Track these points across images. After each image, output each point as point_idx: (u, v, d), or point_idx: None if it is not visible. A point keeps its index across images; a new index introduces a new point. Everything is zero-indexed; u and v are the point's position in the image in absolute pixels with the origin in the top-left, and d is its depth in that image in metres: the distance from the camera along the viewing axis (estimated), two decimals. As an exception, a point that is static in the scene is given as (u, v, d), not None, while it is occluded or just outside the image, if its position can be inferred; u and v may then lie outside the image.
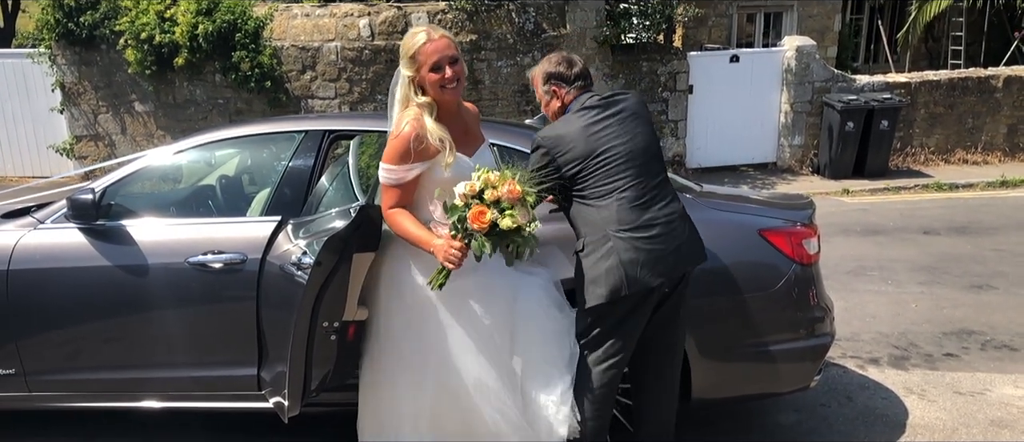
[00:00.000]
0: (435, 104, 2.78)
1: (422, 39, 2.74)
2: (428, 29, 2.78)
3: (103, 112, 9.73)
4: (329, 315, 2.83)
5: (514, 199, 2.62)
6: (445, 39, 2.76)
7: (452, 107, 2.84)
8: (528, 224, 2.64)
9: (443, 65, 2.73)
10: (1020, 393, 4.19)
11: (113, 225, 3.41)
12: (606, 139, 2.85)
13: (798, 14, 13.56)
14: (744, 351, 3.36)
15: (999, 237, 7.44)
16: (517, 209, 2.62)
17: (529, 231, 2.66)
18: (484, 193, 2.62)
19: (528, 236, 2.66)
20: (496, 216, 2.60)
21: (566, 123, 2.93)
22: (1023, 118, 11.04)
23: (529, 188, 2.66)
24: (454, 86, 2.77)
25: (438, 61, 2.73)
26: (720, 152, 10.75)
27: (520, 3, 9.69)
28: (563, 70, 3.02)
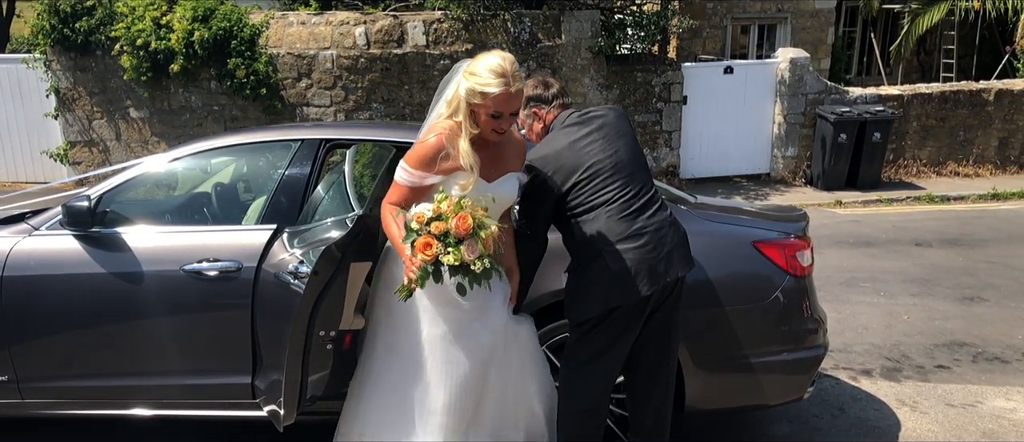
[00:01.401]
0: (476, 135, 2.72)
1: (498, 88, 2.61)
2: (509, 72, 2.63)
3: (98, 118, 9.72)
4: (326, 324, 2.84)
5: (462, 233, 2.49)
6: (519, 94, 2.67)
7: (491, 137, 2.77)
8: (478, 260, 2.50)
9: (504, 115, 2.67)
10: (1011, 405, 4.22)
11: (109, 232, 3.41)
12: (591, 153, 2.88)
13: (792, 26, 13.66)
14: (737, 362, 3.38)
15: (990, 249, 7.49)
16: (466, 243, 2.48)
17: (478, 268, 2.51)
18: (432, 224, 2.50)
19: (478, 273, 2.52)
20: (440, 251, 2.49)
21: (552, 141, 2.97)
22: (1014, 131, 11.12)
23: (487, 220, 2.54)
24: (500, 134, 2.73)
25: (502, 111, 2.66)
26: (714, 163, 10.80)
27: (516, 13, 9.72)
28: (541, 92, 3.09)
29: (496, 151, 2.80)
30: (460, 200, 2.54)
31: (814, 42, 13.47)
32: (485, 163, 2.75)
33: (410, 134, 3.84)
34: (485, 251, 2.50)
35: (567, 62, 9.89)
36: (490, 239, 2.51)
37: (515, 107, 2.69)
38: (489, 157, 2.77)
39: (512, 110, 2.68)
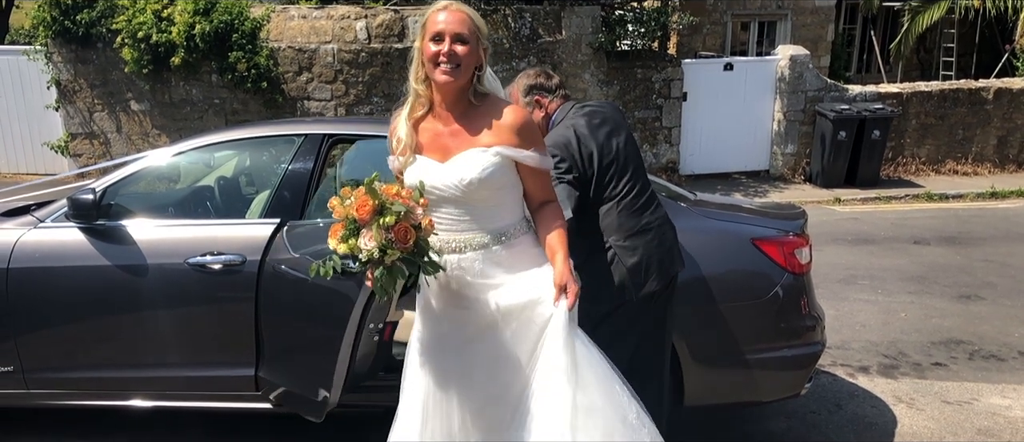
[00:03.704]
0: (427, 95, 2.39)
1: (438, 6, 2.35)
2: (451, 3, 2.37)
3: (99, 110, 9.73)
4: (376, 317, 2.88)
5: (362, 220, 2.13)
6: (462, 14, 2.34)
7: (449, 97, 2.37)
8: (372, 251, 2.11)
9: (444, 37, 2.30)
10: (1007, 403, 4.25)
11: (113, 225, 3.44)
12: (607, 145, 2.89)
13: (792, 23, 13.67)
14: (736, 358, 3.41)
15: (988, 248, 7.53)
16: (365, 232, 2.13)
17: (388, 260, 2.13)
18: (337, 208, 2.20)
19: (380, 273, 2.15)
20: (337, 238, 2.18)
21: (569, 126, 2.94)
22: (1012, 130, 11.16)
23: (394, 204, 2.12)
24: (446, 66, 2.29)
25: (441, 31, 2.30)
26: (713, 159, 10.82)
27: (516, 8, 9.73)
28: (543, 81, 3.11)
29: (463, 123, 2.39)
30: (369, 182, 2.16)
31: (814, 39, 13.49)
32: (442, 139, 2.40)
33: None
34: (388, 242, 2.11)
35: (567, 58, 9.90)
36: (403, 230, 2.12)
37: (457, 28, 2.30)
38: (450, 132, 2.39)
39: (454, 32, 2.29)
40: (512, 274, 2.41)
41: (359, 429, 3.76)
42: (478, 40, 2.35)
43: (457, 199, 2.36)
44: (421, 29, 2.37)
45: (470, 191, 2.34)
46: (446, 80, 2.31)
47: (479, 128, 2.38)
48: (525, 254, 2.44)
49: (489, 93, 2.44)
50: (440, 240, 2.36)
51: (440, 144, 2.40)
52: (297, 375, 3.31)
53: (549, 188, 2.52)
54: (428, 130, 2.43)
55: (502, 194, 2.41)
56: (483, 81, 2.41)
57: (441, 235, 2.36)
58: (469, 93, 2.39)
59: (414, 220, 2.17)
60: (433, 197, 2.34)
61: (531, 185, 2.46)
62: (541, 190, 2.48)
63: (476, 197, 2.36)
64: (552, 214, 2.47)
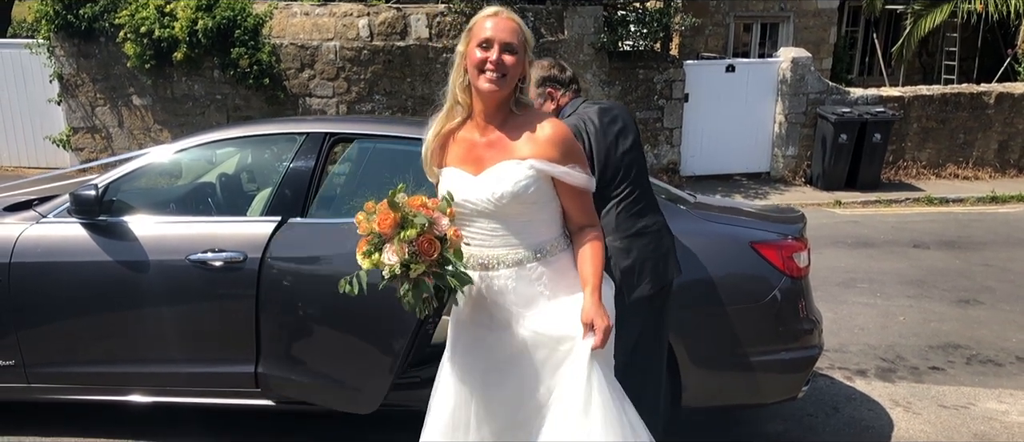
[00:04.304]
0: (467, 102, 2.32)
1: (487, 12, 2.28)
2: (502, 9, 2.31)
3: (101, 104, 9.74)
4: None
5: (385, 234, 2.10)
6: (512, 22, 2.26)
7: (490, 106, 2.29)
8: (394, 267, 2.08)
9: (493, 44, 2.22)
10: (1003, 408, 4.27)
11: (115, 221, 3.46)
12: (615, 145, 2.90)
13: (794, 25, 13.67)
14: (734, 361, 3.43)
15: (987, 252, 7.54)
16: (389, 247, 2.09)
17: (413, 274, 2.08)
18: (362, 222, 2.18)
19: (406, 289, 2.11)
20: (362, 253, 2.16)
21: (581, 117, 2.92)
22: (1014, 135, 11.16)
23: (417, 217, 2.08)
24: (493, 75, 2.21)
25: (489, 38, 2.23)
26: (714, 161, 10.83)
27: (519, 8, 9.73)
28: (557, 73, 3.10)
29: (500, 134, 2.30)
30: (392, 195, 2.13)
31: (816, 41, 13.49)
32: (477, 151, 2.32)
33: (414, 129, 3.89)
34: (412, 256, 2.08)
35: (570, 58, 9.91)
36: (427, 242, 2.08)
37: (506, 37, 2.23)
38: (486, 143, 2.32)
39: (503, 40, 2.23)
40: (548, 295, 2.31)
41: (358, 428, 3.78)
42: (525, 50, 2.29)
43: (490, 213, 2.27)
44: (467, 34, 2.30)
45: (502, 205, 2.25)
46: (491, 89, 2.23)
47: (516, 140, 2.28)
48: (563, 274, 2.34)
49: (530, 104, 2.37)
50: (471, 256, 2.28)
51: (475, 156, 2.32)
52: (300, 372, 3.34)
53: (590, 210, 2.37)
54: (464, 140, 2.35)
55: (536, 209, 2.30)
56: (526, 92, 2.35)
57: (473, 250, 2.29)
58: (510, 103, 2.31)
59: (438, 231, 2.11)
60: (466, 211, 2.28)
61: (569, 205, 2.33)
62: (580, 212, 2.35)
63: (509, 212, 2.27)
64: (589, 241, 2.33)
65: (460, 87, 2.31)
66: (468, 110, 2.34)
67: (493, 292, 2.32)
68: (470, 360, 2.43)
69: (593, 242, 2.33)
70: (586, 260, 2.31)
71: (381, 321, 3.28)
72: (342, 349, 3.40)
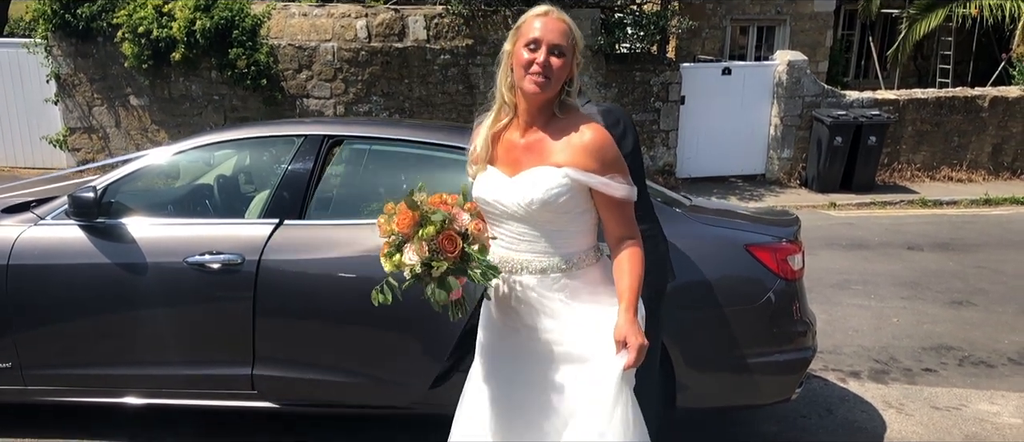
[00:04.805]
0: (513, 102, 2.27)
1: (536, 12, 2.22)
2: (552, 9, 2.25)
3: (98, 105, 9.74)
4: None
5: (404, 233, 2.08)
6: (562, 24, 2.20)
7: (533, 107, 2.23)
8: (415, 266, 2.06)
9: (541, 45, 2.16)
10: (995, 409, 4.30)
11: (113, 223, 3.47)
12: (621, 148, 2.90)
13: (791, 28, 13.73)
14: (728, 362, 3.45)
15: (981, 254, 7.58)
16: (409, 246, 2.08)
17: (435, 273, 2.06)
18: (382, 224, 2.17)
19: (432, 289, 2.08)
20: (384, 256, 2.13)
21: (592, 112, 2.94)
22: (1007, 138, 11.22)
23: (435, 214, 2.07)
24: (538, 77, 2.16)
25: (538, 39, 2.17)
26: (710, 163, 10.87)
27: (516, 9, 9.75)
28: None
29: (540, 135, 2.25)
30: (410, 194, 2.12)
31: (813, 44, 13.55)
32: (515, 152, 2.27)
33: (414, 132, 3.93)
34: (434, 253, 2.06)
35: (566, 59, 9.92)
36: (447, 240, 2.06)
37: (555, 39, 2.17)
38: (525, 146, 2.26)
39: (552, 42, 2.16)
40: (571, 307, 2.25)
41: (356, 429, 3.80)
42: (574, 52, 2.22)
43: (520, 217, 2.23)
44: (514, 32, 2.24)
45: (532, 211, 2.19)
46: (534, 91, 2.17)
47: (555, 144, 2.22)
48: (589, 289, 2.27)
49: (575, 107, 2.30)
50: (497, 258, 2.23)
51: (512, 157, 2.27)
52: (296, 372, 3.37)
53: (629, 221, 2.27)
54: (506, 140, 2.30)
55: (567, 219, 2.23)
56: (573, 94, 2.28)
57: (498, 252, 2.24)
58: (554, 105, 2.24)
59: (459, 227, 2.08)
60: (496, 211, 2.25)
61: (606, 216, 2.25)
62: (618, 224, 2.25)
63: (540, 218, 2.21)
64: (628, 254, 2.24)
65: (506, 86, 2.26)
66: (514, 109, 2.28)
67: (514, 296, 2.28)
68: (496, 362, 2.40)
69: (631, 256, 2.24)
70: (623, 274, 2.23)
71: (383, 320, 3.29)
72: (340, 349, 3.42)
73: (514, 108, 2.27)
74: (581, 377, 2.23)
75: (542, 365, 2.29)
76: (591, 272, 2.29)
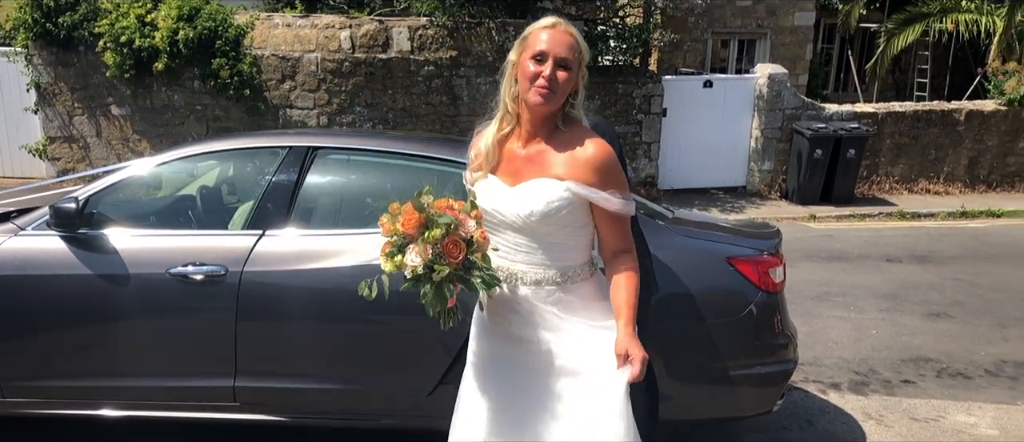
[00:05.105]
0: (516, 111, 2.26)
1: (544, 23, 2.22)
2: (559, 20, 2.25)
3: (78, 114, 9.68)
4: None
5: (408, 234, 2.06)
6: (569, 37, 2.19)
7: (537, 118, 2.23)
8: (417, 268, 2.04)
9: (547, 59, 2.16)
10: (972, 420, 4.36)
11: (95, 234, 3.45)
12: None
13: (771, 42, 13.87)
14: (710, 374, 3.48)
15: (957, 266, 7.68)
16: (412, 248, 2.05)
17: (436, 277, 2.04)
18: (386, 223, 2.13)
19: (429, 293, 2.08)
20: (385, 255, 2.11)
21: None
22: (983, 151, 11.38)
23: (441, 217, 2.05)
24: (544, 89, 2.16)
25: (545, 52, 2.16)
26: (692, 174, 10.95)
27: (500, 22, 9.82)
28: None
29: (542, 147, 2.25)
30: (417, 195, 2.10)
31: (793, 58, 13.69)
32: (516, 163, 2.27)
33: (398, 143, 3.94)
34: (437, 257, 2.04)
35: (550, 71, 9.98)
36: (452, 244, 2.04)
37: (562, 52, 2.16)
38: (526, 157, 2.26)
39: (559, 55, 2.16)
40: (564, 320, 2.25)
41: (340, 441, 3.79)
42: (580, 66, 2.22)
43: (518, 228, 2.23)
44: (521, 42, 2.24)
45: (531, 222, 2.20)
46: (539, 103, 2.17)
47: (557, 156, 2.22)
48: (584, 302, 2.28)
49: (579, 120, 2.29)
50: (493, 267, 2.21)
51: (513, 167, 2.27)
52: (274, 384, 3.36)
53: (626, 236, 2.29)
54: (507, 150, 2.30)
55: (566, 233, 2.24)
56: (577, 107, 2.28)
57: (494, 262, 2.22)
58: (557, 118, 2.25)
59: (465, 233, 2.06)
60: (494, 220, 2.25)
61: (605, 231, 2.26)
62: (616, 237, 2.27)
63: (538, 230, 2.21)
64: (624, 268, 2.26)
65: (510, 96, 2.26)
66: (516, 119, 2.28)
67: (508, 306, 2.28)
68: (489, 373, 2.38)
69: (628, 271, 2.26)
70: (620, 289, 2.24)
71: (368, 331, 3.32)
72: (324, 360, 3.42)
73: (516, 118, 2.27)
74: (574, 390, 2.24)
75: (535, 377, 2.28)
76: (585, 286, 2.30)
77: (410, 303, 3.30)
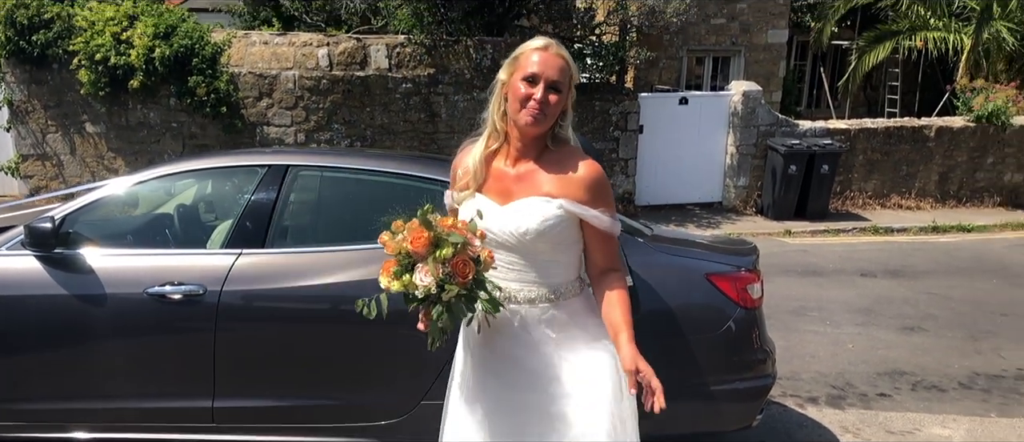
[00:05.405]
0: (504, 129, 2.28)
1: (536, 45, 2.24)
2: (551, 41, 2.27)
3: (52, 131, 9.57)
4: None
5: (417, 253, 2.01)
6: (561, 60, 2.22)
7: (527, 138, 2.25)
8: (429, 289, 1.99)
9: (539, 81, 2.18)
10: (947, 433, 4.42)
11: (72, 254, 3.42)
12: None
13: (745, 59, 14.04)
14: (690, 390, 3.49)
15: (930, 281, 7.80)
16: (421, 267, 2.01)
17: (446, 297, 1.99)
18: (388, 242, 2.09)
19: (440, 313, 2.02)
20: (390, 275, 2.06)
21: None
22: (953, 167, 11.59)
23: (451, 236, 2.01)
24: (536, 111, 2.18)
25: (536, 74, 2.19)
26: (668, 191, 11.03)
27: (478, 40, 9.86)
28: None
29: (532, 167, 2.27)
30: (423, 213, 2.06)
31: (766, 75, 13.87)
32: (506, 182, 2.28)
33: (377, 161, 3.95)
34: (447, 277, 2.00)
35: (527, 89, 10.03)
36: (461, 263, 2.01)
37: (554, 75, 2.19)
38: (516, 175, 2.27)
39: (550, 78, 2.18)
40: (555, 340, 2.25)
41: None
42: (570, 88, 2.25)
43: (510, 247, 2.23)
44: (511, 62, 2.25)
45: (526, 241, 2.21)
46: (530, 125, 2.19)
47: (549, 176, 2.25)
48: (575, 319, 2.29)
49: (567, 140, 2.31)
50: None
51: (503, 186, 2.28)
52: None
53: (615, 255, 2.33)
54: (495, 169, 2.31)
55: (559, 251, 2.26)
56: (565, 128, 2.30)
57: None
58: (547, 137, 2.27)
59: (473, 252, 2.04)
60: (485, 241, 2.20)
61: (594, 248, 2.29)
62: (605, 256, 2.30)
63: (531, 248, 2.22)
64: (615, 285, 2.28)
65: (498, 115, 2.27)
66: (504, 137, 2.29)
67: (500, 325, 2.26)
68: (478, 392, 2.34)
69: (619, 288, 2.28)
70: (615, 305, 2.26)
71: (348, 348, 3.32)
72: (304, 379, 3.41)
73: (504, 136, 2.29)
74: (569, 408, 2.24)
75: (528, 395, 2.26)
76: (577, 302, 2.32)
77: (392, 320, 3.32)
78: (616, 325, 2.24)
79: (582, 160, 2.27)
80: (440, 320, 2.03)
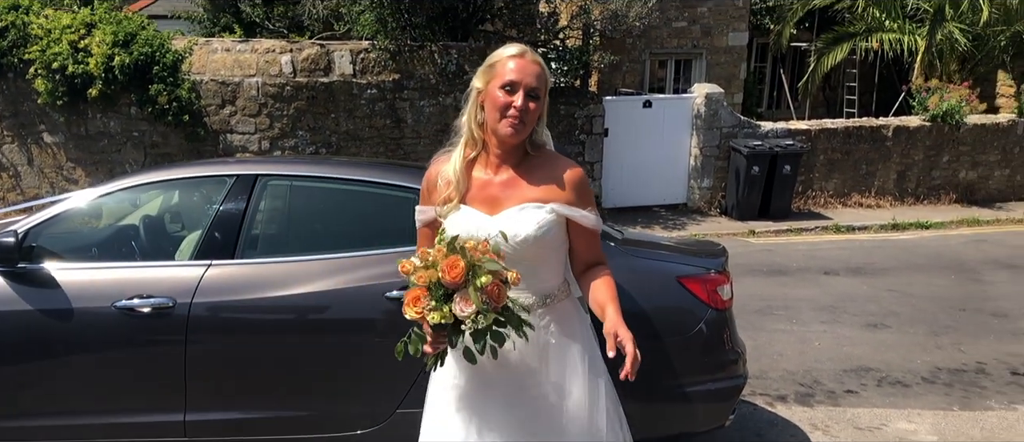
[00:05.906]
0: (481, 137, 2.27)
1: (511, 52, 2.23)
2: (526, 48, 2.27)
3: (8, 142, 9.36)
4: None
5: (454, 283, 1.96)
6: (537, 66, 2.22)
7: (506, 146, 2.26)
8: (474, 317, 1.95)
9: (518, 89, 2.18)
10: (913, 427, 4.52)
11: (36, 268, 3.35)
12: None
13: (707, 62, 14.21)
14: (663, 392, 3.53)
15: (891, 277, 7.96)
16: (459, 295, 1.97)
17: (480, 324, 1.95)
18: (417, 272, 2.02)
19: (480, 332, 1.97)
20: (426, 308, 1.98)
21: None
22: (910, 165, 11.85)
23: (488, 263, 1.97)
24: (515, 121, 2.17)
25: (515, 82, 2.18)
26: (634, 193, 11.12)
27: (443, 45, 9.86)
28: None
29: (515, 174, 2.28)
30: (451, 241, 2.02)
31: (728, 77, 14.05)
32: (490, 190, 2.27)
33: (345, 169, 3.93)
34: (485, 304, 1.96)
35: (493, 93, 10.04)
36: (495, 288, 1.97)
37: (532, 82, 2.19)
38: (501, 183, 2.27)
39: (529, 85, 2.18)
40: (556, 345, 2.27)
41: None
42: (546, 93, 2.25)
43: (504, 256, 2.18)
44: (487, 70, 2.25)
45: (522, 248, 2.19)
46: (510, 134, 2.20)
47: (533, 181, 2.26)
48: (569, 320, 2.32)
49: (544, 144, 2.33)
50: None
51: (488, 195, 2.27)
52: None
53: (599, 249, 2.38)
54: (476, 178, 2.29)
55: (549, 253, 2.28)
56: (541, 133, 2.31)
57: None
58: (526, 143, 2.28)
59: (502, 276, 1.99)
60: None
61: (581, 246, 2.33)
62: (591, 251, 2.36)
63: (526, 255, 2.20)
64: (601, 273, 2.33)
65: (475, 123, 2.27)
66: (482, 145, 2.29)
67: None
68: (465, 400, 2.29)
69: (605, 274, 2.33)
70: (601, 287, 2.28)
71: (319, 358, 3.30)
72: (276, 390, 3.38)
73: (482, 144, 2.29)
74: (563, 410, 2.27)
75: (520, 401, 2.27)
76: (567, 304, 2.36)
77: (363, 329, 3.30)
78: (603, 300, 2.26)
79: (565, 163, 2.31)
80: (484, 345, 1.98)
